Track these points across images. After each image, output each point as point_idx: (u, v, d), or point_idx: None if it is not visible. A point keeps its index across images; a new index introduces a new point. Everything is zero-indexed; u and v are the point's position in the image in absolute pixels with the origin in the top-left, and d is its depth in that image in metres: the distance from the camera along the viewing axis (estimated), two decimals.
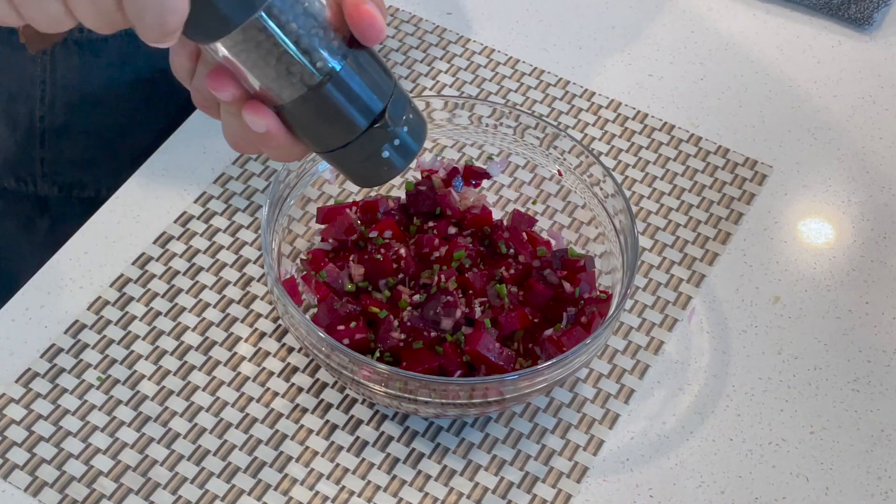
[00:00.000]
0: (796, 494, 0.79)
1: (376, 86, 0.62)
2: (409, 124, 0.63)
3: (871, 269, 0.91)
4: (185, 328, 0.83)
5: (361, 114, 0.62)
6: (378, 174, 0.65)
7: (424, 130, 0.65)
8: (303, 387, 0.81)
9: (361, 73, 0.61)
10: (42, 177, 1.03)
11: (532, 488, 0.78)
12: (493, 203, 0.90)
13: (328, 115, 0.61)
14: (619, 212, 0.81)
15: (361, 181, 0.66)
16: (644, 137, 0.97)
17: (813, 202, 0.95)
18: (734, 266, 0.90)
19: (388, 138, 0.63)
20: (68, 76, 0.96)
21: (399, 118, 0.63)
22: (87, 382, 0.80)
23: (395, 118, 0.63)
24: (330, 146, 0.63)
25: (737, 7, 1.09)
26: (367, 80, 0.61)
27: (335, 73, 0.60)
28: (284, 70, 0.60)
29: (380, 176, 0.65)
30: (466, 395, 0.74)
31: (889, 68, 1.05)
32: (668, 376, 0.83)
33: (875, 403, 0.83)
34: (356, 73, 0.61)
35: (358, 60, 0.61)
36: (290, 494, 0.76)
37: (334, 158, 0.64)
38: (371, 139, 0.62)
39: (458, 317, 0.79)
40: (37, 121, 0.99)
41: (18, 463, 0.77)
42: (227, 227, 0.89)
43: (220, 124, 0.96)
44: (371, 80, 0.62)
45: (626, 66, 1.03)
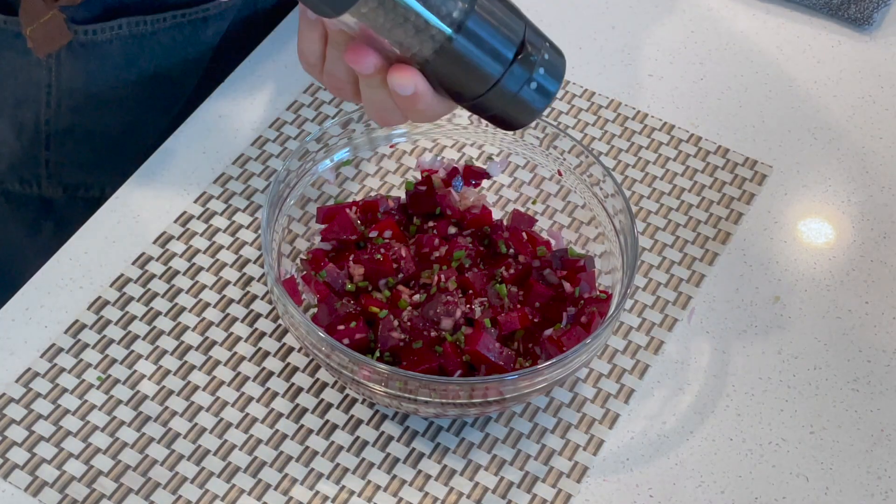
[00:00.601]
0: (796, 494, 0.79)
1: (509, 23, 0.63)
2: (549, 53, 0.65)
3: (871, 269, 0.91)
4: (185, 328, 0.83)
5: (500, 53, 0.63)
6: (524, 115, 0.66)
7: (563, 66, 0.66)
8: (303, 387, 0.81)
9: (492, 13, 0.62)
10: (47, 178, 1.03)
11: (532, 488, 0.78)
12: (493, 203, 0.90)
13: (470, 60, 0.62)
14: (618, 212, 0.81)
15: (509, 125, 0.67)
16: (644, 137, 0.97)
17: (813, 202, 0.95)
18: (734, 266, 0.90)
19: (531, 70, 0.64)
20: (74, 79, 0.96)
21: (539, 47, 0.64)
22: (87, 382, 0.80)
23: (535, 47, 0.64)
24: (476, 92, 0.64)
25: (737, 7, 1.09)
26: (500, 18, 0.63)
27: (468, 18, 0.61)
28: (421, 24, 0.61)
29: (526, 116, 0.66)
30: (466, 395, 0.74)
31: (889, 68, 1.05)
32: (668, 376, 0.83)
33: (875, 403, 0.83)
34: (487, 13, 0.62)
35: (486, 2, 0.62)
36: (290, 494, 0.76)
37: (480, 106, 0.65)
38: (512, 79, 0.64)
39: (458, 317, 0.79)
40: (42, 124, 0.99)
41: (18, 463, 0.77)
42: (227, 227, 0.89)
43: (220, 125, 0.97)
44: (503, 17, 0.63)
45: (626, 66, 1.03)
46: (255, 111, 0.96)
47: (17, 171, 1.03)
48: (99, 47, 0.95)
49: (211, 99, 0.97)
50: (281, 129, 0.95)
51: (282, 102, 0.97)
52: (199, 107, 0.96)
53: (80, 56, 0.95)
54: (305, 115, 0.96)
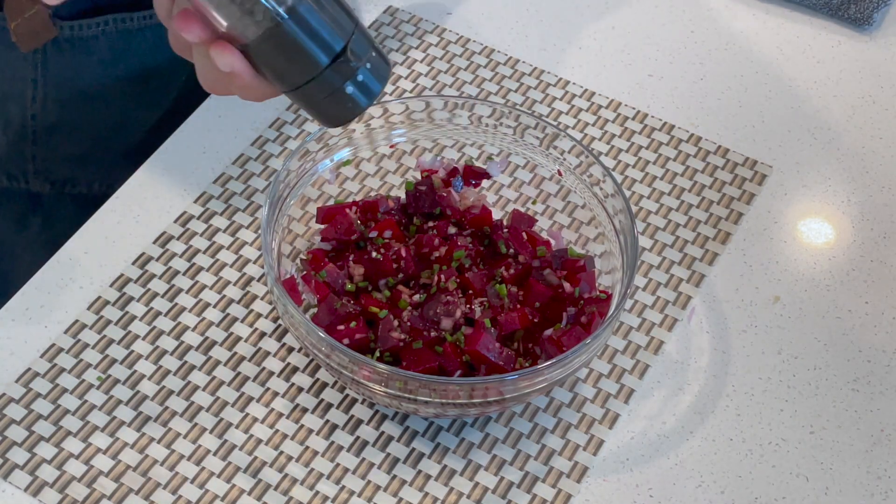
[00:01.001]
0: (796, 494, 0.79)
1: (337, 24, 0.65)
2: (372, 62, 0.66)
3: (871, 269, 0.91)
4: (185, 328, 0.83)
5: (322, 50, 0.64)
6: (342, 112, 0.68)
7: (387, 70, 0.68)
8: (303, 387, 0.81)
9: (321, 9, 0.64)
10: (34, 174, 1.03)
11: (532, 488, 0.78)
12: (493, 203, 0.90)
13: (289, 52, 0.64)
14: (618, 212, 0.81)
15: (327, 120, 0.69)
16: (644, 137, 0.97)
17: (813, 202, 0.95)
18: (734, 266, 0.90)
19: (350, 75, 0.66)
20: (60, 74, 0.96)
21: (361, 55, 0.66)
22: (87, 382, 0.80)
23: (356, 55, 0.65)
24: (293, 83, 0.66)
25: (737, 7, 1.09)
26: (328, 17, 0.64)
27: (295, 11, 0.63)
28: (246, 8, 0.63)
29: (344, 114, 0.68)
30: (466, 395, 0.74)
31: (889, 68, 1.05)
32: (668, 376, 0.83)
33: (875, 403, 0.83)
34: (316, 9, 0.64)
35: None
36: (290, 494, 0.76)
37: (299, 96, 0.67)
38: (333, 75, 0.65)
39: (458, 317, 0.79)
40: (28, 119, 0.99)
41: (18, 463, 0.77)
42: (227, 227, 0.89)
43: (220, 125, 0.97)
44: (331, 17, 0.64)
45: (626, 66, 1.03)
46: (255, 111, 0.96)
47: (4, 166, 1.03)
48: (85, 43, 0.95)
49: (211, 99, 0.97)
50: (281, 129, 0.95)
51: (282, 102, 0.97)
52: (199, 106, 0.96)
53: (66, 51, 0.95)
54: (305, 116, 0.96)
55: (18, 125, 0.99)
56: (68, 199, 1.04)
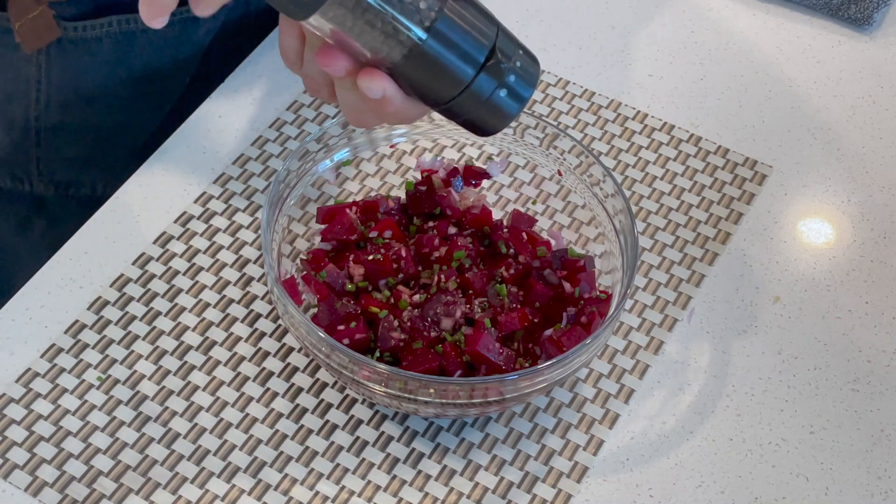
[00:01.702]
0: (796, 494, 0.79)
1: (480, 28, 0.63)
2: (521, 61, 0.65)
3: (871, 269, 0.91)
4: (185, 328, 0.83)
5: (469, 59, 0.63)
6: (496, 119, 0.66)
7: (537, 69, 0.67)
8: (303, 387, 0.81)
9: (462, 17, 0.63)
10: (38, 176, 1.03)
11: (532, 488, 0.78)
12: (493, 203, 0.90)
13: (439, 65, 0.63)
14: (619, 212, 0.81)
15: (481, 130, 0.67)
16: (644, 137, 0.97)
17: (813, 202, 0.95)
18: (734, 266, 0.90)
19: (501, 77, 0.64)
20: (63, 76, 0.96)
21: (510, 54, 0.64)
22: (87, 382, 0.80)
23: (505, 54, 0.64)
24: (446, 97, 0.64)
25: (737, 7, 1.09)
26: (470, 23, 0.63)
27: (437, 23, 0.61)
28: (388, 29, 0.61)
29: (498, 121, 0.67)
30: (466, 395, 0.74)
31: (889, 68, 1.05)
32: (668, 376, 0.83)
33: (875, 403, 0.83)
34: (457, 18, 0.62)
35: (456, 6, 0.62)
36: (290, 494, 0.76)
37: (451, 111, 0.66)
38: (483, 83, 0.64)
39: (458, 317, 0.79)
40: (32, 120, 0.99)
41: (18, 463, 0.77)
42: (227, 227, 0.89)
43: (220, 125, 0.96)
44: (473, 23, 0.63)
45: (626, 66, 1.03)
46: (255, 111, 0.96)
47: (9, 168, 1.03)
48: (88, 44, 0.95)
49: (211, 99, 0.97)
50: (281, 129, 0.95)
51: (282, 102, 0.97)
52: (200, 106, 0.96)
53: (70, 53, 0.95)
54: (305, 115, 0.96)
55: (22, 126, 0.99)
56: (72, 201, 1.04)
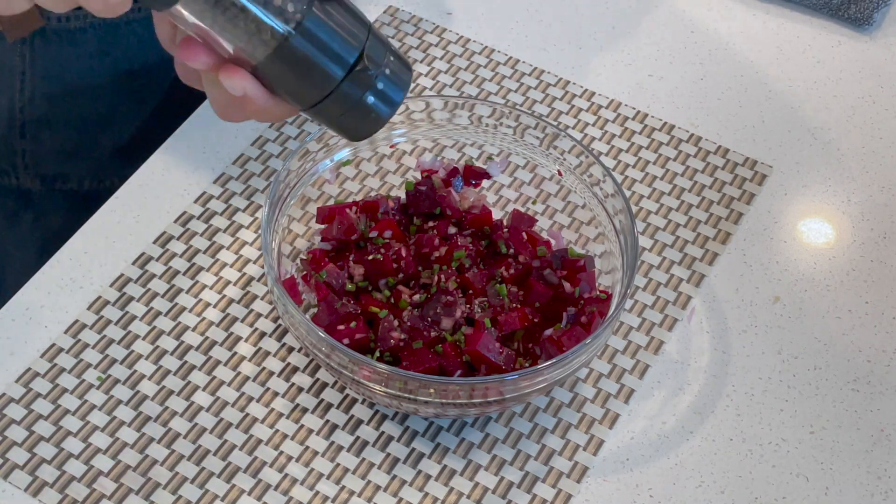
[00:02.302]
0: (796, 494, 0.79)
1: (348, 33, 0.61)
2: (391, 67, 0.63)
3: (871, 269, 0.91)
4: (185, 328, 0.83)
5: (335, 63, 0.61)
6: (365, 125, 0.64)
7: (408, 75, 0.64)
8: (303, 387, 0.81)
9: (330, 20, 0.60)
10: (24, 169, 1.03)
11: (532, 488, 0.78)
12: (493, 203, 0.90)
13: (302, 69, 0.61)
14: (619, 212, 0.81)
15: (351, 135, 0.65)
16: (644, 137, 0.97)
17: (813, 202, 0.95)
18: (734, 266, 0.90)
19: (369, 85, 0.62)
20: (47, 67, 0.96)
21: (377, 63, 0.62)
22: (87, 382, 0.80)
23: (373, 62, 0.62)
24: (310, 101, 0.63)
25: (736, 7, 1.09)
26: (338, 27, 0.61)
27: (302, 24, 0.59)
28: (249, 27, 0.59)
29: (367, 127, 0.64)
30: (466, 395, 0.74)
31: (889, 68, 1.05)
32: (668, 376, 0.83)
33: (875, 403, 0.83)
34: (324, 20, 0.60)
35: (325, 8, 0.60)
36: (290, 494, 0.76)
37: (318, 114, 0.63)
38: (351, 88, 0.62)
39: (458, 317, 0.79)
40: (17, 112, 0.99)
41: (18, 463, 0.77)
42: (227, 227, 0.89)
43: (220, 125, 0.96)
44: (342, 26, 0.61)
45: (626, 66, 1.03)
46: None
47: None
48: (72, 35, 0.95)
49: None
50: (281, 129, 0.95)
51: None
52: (200, 106, 0.96)
53: (54, 43, 0.95)
54: (306, 116, 0.96)
55: (7, 118, 0.99)
56: (59, 195, 1.04)
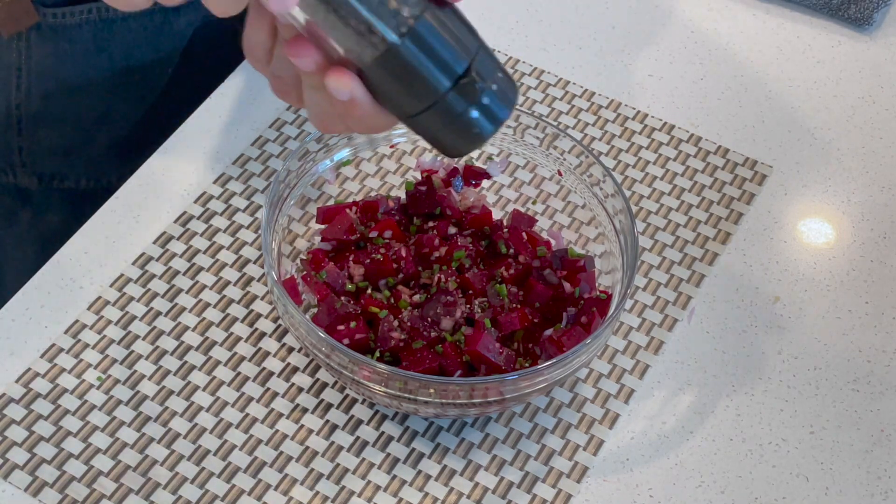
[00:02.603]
0: (796, 494, 0.79)
1: (459, 43, 0.60)
2: (498, 84, 0.61)
3: (871, 269, 0.91)
4: (185, 328, 0.83)
5: (443, 72, 0.60)
6: (465, 140, 0.63)
7: (515, 94, 0.63)
8: (303, 387, 0.81)
9: (442, 28, 0.59)
10: (22, 166, 1.03)
11: (532, 488, 0.78)
12: (493, 203, 0.90)
13: (410, 74, 0.60)
14: (619, 212, 0.81)
15: (448, 149, 0.64)
16: (644, 137, 0.97)
17: (813, 202, 0.95)
18: (734, 266, 0.90)
19: (475, 98, 0.61)
20: (43, 63, 0.96)
21: (486, 76, 0.61)
22: (87, 382, 0.80)
23: (482, 75, 0.61)
24: (414, 109, 0.61)
25: (736, 7, 1.09)
26: (449, 36, 0.60)
27: (414, 29, 0.58)
28: (362, 29, 0.58)
29: (467, 143, 0.63)
30: (466, 395, 0.74)
31: (889, 68, 1.05)
32: (668, 376, 0.83)
33: (875, 403, 0.83)
34: (436, 28, 0.59)
35: (438, 16, 0.59)
36: (290, 494, 0.76)
37: (419, 125, 0.62)
38: (457, 99, 0.61)
39: (458, 317, 0.79)
40: (14, 108, 0.99)
41: (18, 463, 0.77)
42: (227, 227, 0.89)
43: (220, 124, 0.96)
44: (453, 36, 0.60)
45: (626, 66, 1.03)
46: (255, 111, 0.96)
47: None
48: (68, 31, 0.95)
49: (211, 99, 0.97)
50: (281, 129, 0.95)
51: (282, 102, 0.97)
52: (199, 107, 0.96)
53: (50, 39, 0.95)
54: (305, 116, 0.96)
55: (4, 115, 0.99)
56: (57, 193, 1.04)
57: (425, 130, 0.63)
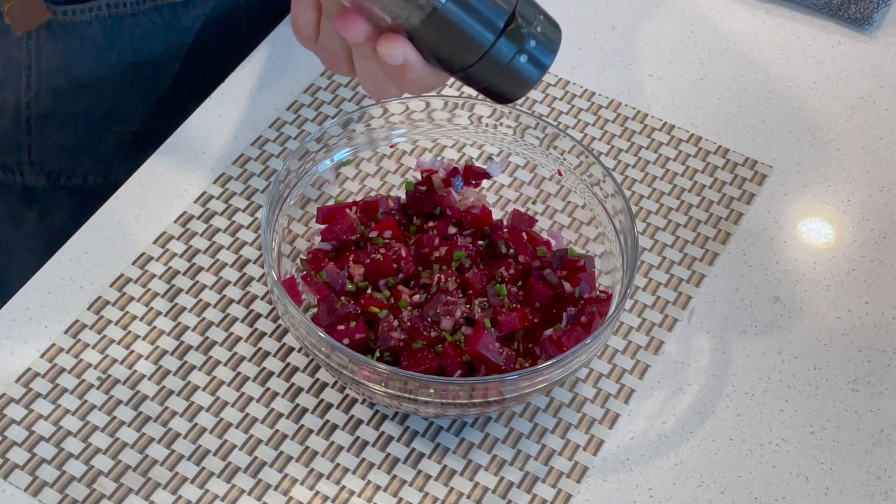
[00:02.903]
0: (796, 494, 0.79)
1: None
2: (542, 26, 0.65)
3: (871, 269, 0.91)
4: (185, 328, 0.83)
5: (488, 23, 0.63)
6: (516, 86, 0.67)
7: (558, 35, 0.67)
8: (303, 387, 0.81)
9: None
10: (30, 165, 1.03)
11: (532, 488, 0.78)
12: (493, 203, 0.90)
13: (458, 30, 0.63)
14: (619, 212, 0.81)
15: (501, 97, 0.68)
16: (644, 137, 0.97)
17: (813, 202, 0.95)
18: (734, 266, 0.90)
19: (521, 42, 0.64)
20: (53, 61, 0.96)
21: (531, 20, 0.64)
22: (87, 382, 0.80)
23: (526, 19, 0.64)
24: (465, 62, 0.65)
25: (737, 7, 1.09)
26: None
27: None
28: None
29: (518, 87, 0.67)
30: (466, 395, 0.74)
31: (889, 68, 1.05)
32: (668, 376, 0.83)
33: (875, 403, 0.83)
34: None
35: None
36: (290, 494, 0.76)
37: (470, 77, 0.66)
38: (504, 47, 0.64)
39: (458, 317, 0.79)
40: (23, 107, 0.99)
41: (18, 463, 0.77)
42: (227, 227, 0.89)
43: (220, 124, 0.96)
44: None
45: (626, 66, 1.03)
46: (255, 111, 0.96)
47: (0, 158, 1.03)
48: (78, 28, 0.95)
49: (211, 99, 0.97)
50: (281, 129, 0.95)
51: (282, 102, 0.97)
52: (199, 107, 0.96)
53: (60, 37, 0.95)
54: (305, 115, 0.96)
55: (13, 113, 0.99)
56: (63, 192, 1.04)
57: (476, 82, 0.66)
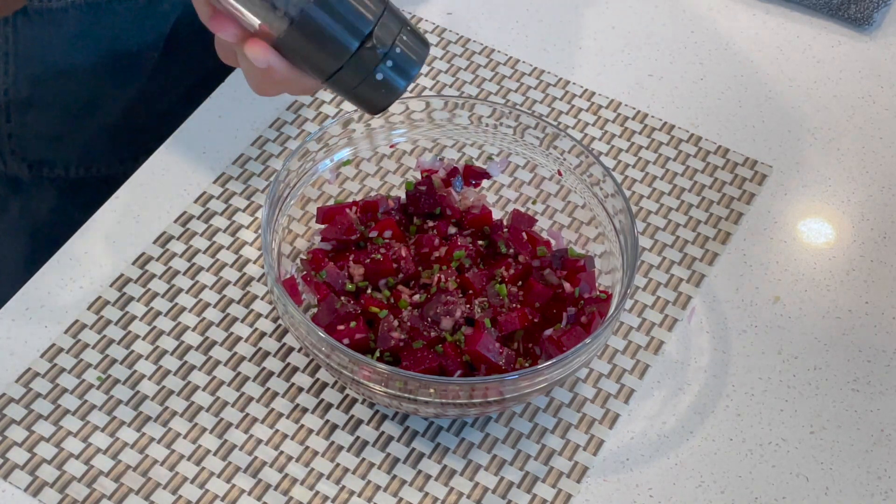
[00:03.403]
0: (796, 494, 0.79)
1: (362, 8, 0.66)
2: (403, 44, 0.67)
3: (871, 269, 0.91)
4: (185, 328, 0.83)
5: (348, 36, 0.66)
6: (378, 98, 0.69)
7: (423, 52, 0.69)
8: (303, 387, 0.81)
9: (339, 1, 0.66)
10: (11, 153, 1.02)
11: (532, 488, 0.78)
12: (493, 203, 0.90)
13: (316, 41, 0.66)
14: (619, 212, 0.81)
15: (367, 107, 0.70)
16: (644, 137, 0.97)
17: (813, 202, 0.95)
18: (734, 266, 0.90)
19: (379, 59, 0.67)
20: (31, 48, 0.96)
21: (388, 39, 0.67)
22: (87, 382, 0.80)
23: (383, 39, 0.67)
24: (326, 72, 0.67)
25: (737, 7, 1.09)
26: (349, 5, 0.66)
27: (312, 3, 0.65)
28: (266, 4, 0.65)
29: (381, 99, 0.69)
30: (466, 395, 0.74)
31: (889, 68, 1.05)
32: (668, 376, 0.84)
33: (875, 403, 0.83)
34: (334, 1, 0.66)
35: None
36: (290, 494, 0.76)
37: (334, 85, 0.68)
38: (362, 61, 0.67)
39: (458, 317, 0.79)
40: (2, 94, 0.99)
41: (18, 463, 0.77)
42: (227, 227, 0.89)
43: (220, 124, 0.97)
44: (353, 5, 0.66)
45: (626, 66, 1.03)
46: (255, 111, 0.96)
47: None
48: (54, 15, 0.95)
49: (211, 99, 0.97)
50: (281, 129, 0.95)
51: (282, 102, 0.97)
52: (199, 107, 0.96)
53: (36, 23, 0.95)
54: (305, 115, 0.96)
55: None
56: (47, 182, 1.04)
57: (340, 90, 0.69)
